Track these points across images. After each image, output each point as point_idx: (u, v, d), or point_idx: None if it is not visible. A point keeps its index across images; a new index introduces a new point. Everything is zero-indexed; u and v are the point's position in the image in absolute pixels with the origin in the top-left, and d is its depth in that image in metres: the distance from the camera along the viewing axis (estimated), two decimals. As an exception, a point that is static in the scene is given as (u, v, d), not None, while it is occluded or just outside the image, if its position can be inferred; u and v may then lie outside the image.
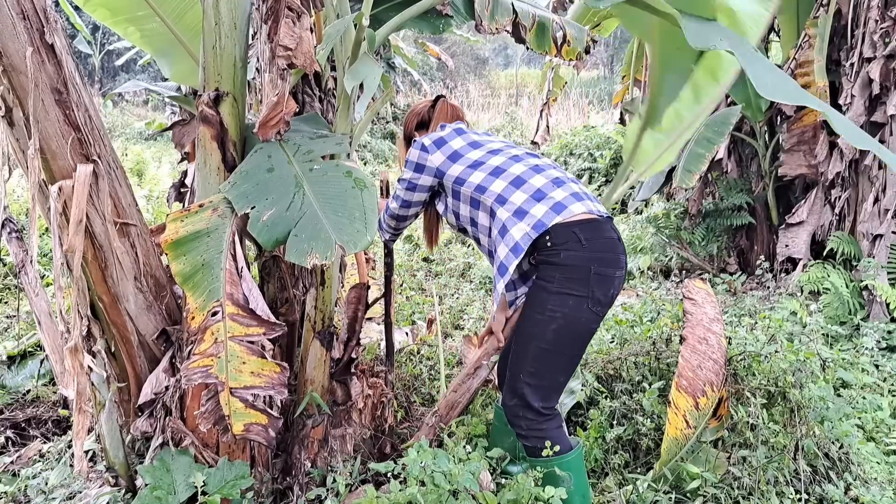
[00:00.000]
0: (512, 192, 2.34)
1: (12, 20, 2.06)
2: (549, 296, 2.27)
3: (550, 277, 2.27)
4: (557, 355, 2.32)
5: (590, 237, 2.26)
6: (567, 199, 2.30)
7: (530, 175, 2.38)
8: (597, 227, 2.29)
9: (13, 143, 2.29)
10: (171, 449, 2.44)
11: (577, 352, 2.35)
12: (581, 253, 2.24)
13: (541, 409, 2.34)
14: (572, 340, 2.31)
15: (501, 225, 2.33)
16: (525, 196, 2.32)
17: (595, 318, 2.30)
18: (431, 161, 2.52)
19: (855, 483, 2.84)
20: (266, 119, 2.37)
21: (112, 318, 2.48)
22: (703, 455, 2.77)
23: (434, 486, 2.15)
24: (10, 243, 3.16)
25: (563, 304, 2.25)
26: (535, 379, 2.34)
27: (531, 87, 23.75)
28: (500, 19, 2.84)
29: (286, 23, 2.28)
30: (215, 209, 2.24)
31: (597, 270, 2.24)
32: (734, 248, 6.94)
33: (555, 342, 2.29)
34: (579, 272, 2.24)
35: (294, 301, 2.86)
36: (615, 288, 2.31)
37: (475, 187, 2.42)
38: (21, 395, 3.78)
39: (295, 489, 2.66)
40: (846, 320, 5.12)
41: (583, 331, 2.31)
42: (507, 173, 2.40)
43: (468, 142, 2.55)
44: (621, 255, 2.34)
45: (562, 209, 2.27)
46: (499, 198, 2.35)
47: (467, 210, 2.50)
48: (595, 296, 2.25)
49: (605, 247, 2.28)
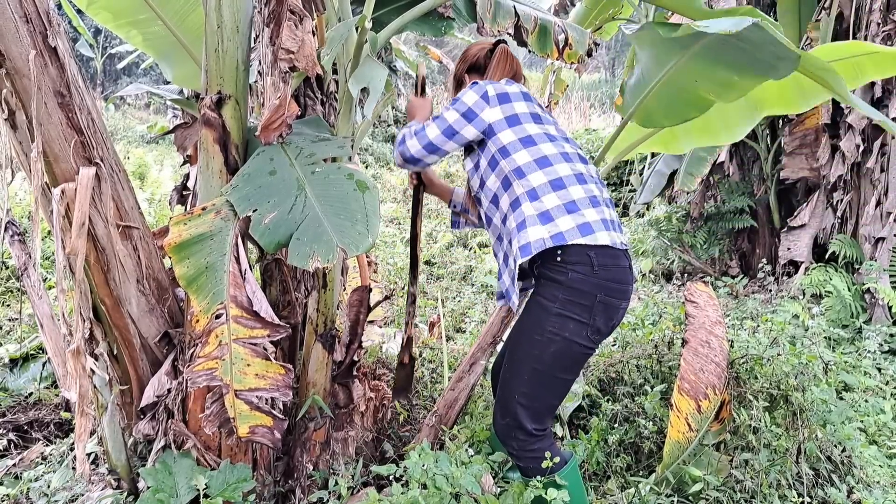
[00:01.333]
0: (547, 191, 2.20)
1: (15, 23, 2.07)
2: (548, 317, 2.17)
3: (553, 297, 2.17)
4: (553, 378, 2.24)
5: (603, 263, 2.15)
6: (596, 224, 2.17)
7: (571, 182, 2.22)
8: (613, 255, 2.18)
9: (16, 147, 2.29)
10: (173, 451, 2.45)
11: (572, 376, 2.28)
12: (590, 278, 2.13)
13: (533, 430, 2.27)
14: (570, 364, 2.23)
15: (522, 219, 2.20)
16: (558, 202, 2.18)
17: (592, 346, 2.22)
18: (486, 115, 2.32)
19: (857, 486, 2.83)
20: (268, 122, 2.37)
21: (114, 321, 2.49)
22: (706, 458, 2.77)
23: (436, 489, 2.15)
24: (12, 246, 3.16)
25: (564, 327, 2.16)
26: (528, 400, 2.26)
27: (532, 90, 23.72)
28: (502, 22, 2.84)
29: (288, 26, 2.28)
30: (218, 212, 2.24)
31: (602, 299, 2.15)
32: (736, 251, 6.93)
33: (551, 365, 2.21)
34: (584, 297, 2.14)
35: (296, 304, 2.86)
36: (618, 319, 2.25)
37: (515, 168, 2.25)
38: (23, 397, 3.79)
39: (297, 492, 2.66)
40: (848, 323, 5.11)
41: (579, 356, 2.23)
42: (550, 169, 2.23)
43: (531, 111, 2.36)
44: (630, 286, 2.25)
45: (588, 232, 2.14)
46: (532, 191, 2.21)
47: (496, 185, 2.33)
48: (596, 324, 2.17)
49: (617, 276, 2.18)
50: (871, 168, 5.43)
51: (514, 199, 2.25)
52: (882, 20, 5.38)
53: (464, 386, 3.03)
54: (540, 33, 2.98)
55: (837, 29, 5.76)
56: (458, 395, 3.02)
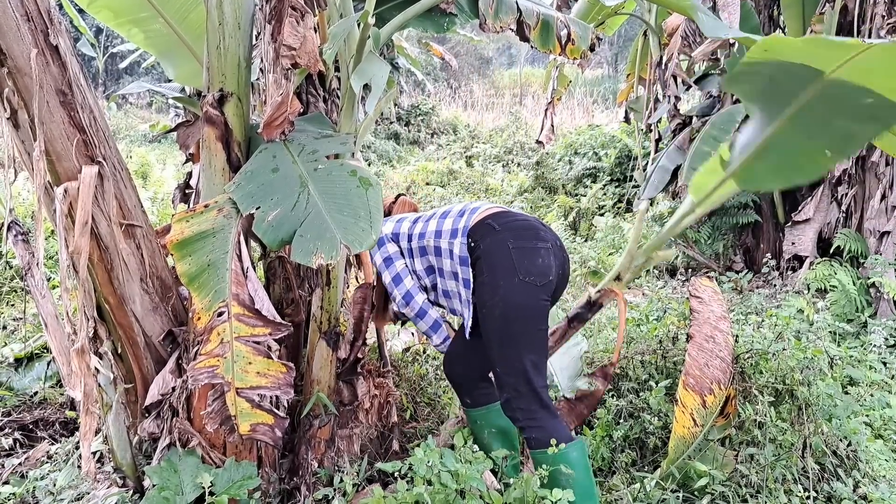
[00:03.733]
0: (442, 223, 2.61)
1: (16, 22, 2.07)
2: (483, 288, 2.41)
3: (481, 272, 2.42)
4: (514, 338, 2.37)
5: (502, 222, 2.45)
6: (481, 205, 2.58)
7: (453, 206, 2.67)
8: (509, 214, 2.50)
9: (18, 146, 2.29)
10: (179, 450, 2.45)
11: (532, 327, 2.39)
12: (494, 237, 2.41)
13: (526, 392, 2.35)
14: (522, 318, 2.36)
15: (448, 250, 2.56)
16: (452, 219, 2.59)
17: (535, 290, 2.35)
18: (386, 229, 2.76)
19: (863, 481, 2.82)
20: (270, 119, 2.36)
21: (118, 320, 2.49)
22: (711, 453, 2.76)
23: (441, 486, 2.15)
24: (16, 246, 3.16)
25: (496, 287, 2.36)
26: (506, 367, 2.39)
27: (535, 86, 23.72)
28: (504, 18, 2.83)
29: (290, 22, 2.27)
30: (220, 210, 2.23)
31: (514, 245, 2.38)
32: (740, 246, 6.91)
33: (506, 327, 2.36)
34: (500, 254, 2.37)
35: (300, 302, 2.86)
36: (543, 257, 2.39)
37: (418, 235, 2.68)
38: (28, 397, 3.79)
39: (302, 489, 2.66)
40: (853, 318, 5.10)
41: (527, 308, 2.36)
42: (435, 214, 2.69)
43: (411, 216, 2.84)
44: (542, 230, 2.46)
45: (476, 210, 2.54)
46: (436, 233, 2.61)
47: (421, 262, 2.72)
48: (523, 267, 2.34)
49: (519, 226, 2.44)
50: (876, 162, 5.41)
51: (434, 249, 2.63)
52: (887, 12, 5.36)
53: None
54: (542, 29, 2.97)
55: (841, 21, 5.73)
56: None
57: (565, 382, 3.52)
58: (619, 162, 10.25)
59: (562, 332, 2.82)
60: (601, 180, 10.04)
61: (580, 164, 10.57)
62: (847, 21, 5.75)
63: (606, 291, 2.76)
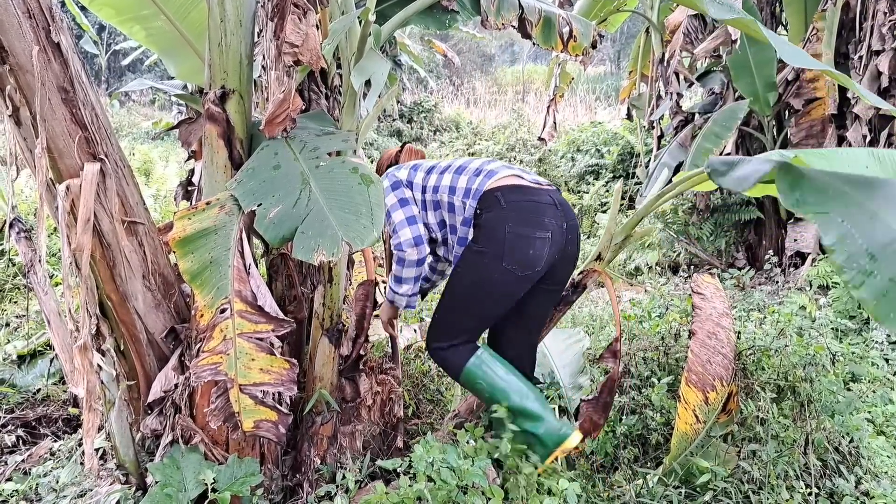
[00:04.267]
0: (458, 179, 2.56)
1: (18, 19, 2.07)
2: (468, 254, 2.49)
3: (474, 239, 2.49)
4: (467, 309, 2.52)
5: (510, 199, 2.43)
6: (499, 169, 2.53)
7: (469, 162, 2.63)
8: (520, 190, 2.45)
9: (21, 143, 2.29)
10: (181, 446, 2.45)
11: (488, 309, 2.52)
12: (498, 213, 2.41)
13: (446, 346, 2.54)
14: (484, 296, 2.48)
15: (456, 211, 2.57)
16: (467, 177, 2.55)
17: (513, 278, 2.42)
18: (400, 175, 2.72)
19: (865, 477, 2.82)
20: (272, 116, 2.36)
21: (121, 317, 2.49)
22: (713, 450, 2.76)
23: (442, 482, 2.15)
24: (18, 243, 3.17)
25: (478, 261, 2.44)
26: (441, 316, 2.57)
27: (538, 83, 23.69)
28: (507, 15, 2.83)
29: (292, 20, 2.27)
30: (222, 207, 2.24)
31: (512, 229, 2.38)
32: (742, 243, 6.90)
33: (466, 297, 2.51)
34: (496, 232, 2.40)
35: (302, 299, 2.86)
36: (536, 248, 2.40)
37: (433, 189, 2.63)
38: (31, 394, 3.80)
39: (304, 486, 2.66)
40: (855, 314, 5.08)
41: (496, 289, 2.45)
42: (451, 167, 2.64)
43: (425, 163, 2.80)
44: (548, 217, 2.44)
45: (492, 175, 2.49)
46: (450, 189, 2.57)
47: (434, 215, 2.67)
48: (511, 255, 2.38)
49: (525, 208, 2.42)
50: (879, 158, 5.40)
51: (447, 205, 2.60)
52: (889, 9, 5.35)
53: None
54: (544, 26, 2.96)
55: (843, 19, 5.72)
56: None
57: (568, 379, 3.52)
58: (621, 159, 10.24)
59: (548, 316, 2.83)
60: (604, 177, 10.04)
61: (583, 161, 10.57)
62: (849, 18, 5.74)
63: (588, 272, 2.77)
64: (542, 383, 3.57)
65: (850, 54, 5.79)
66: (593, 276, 2.78)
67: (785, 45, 2.12)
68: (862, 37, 5.60)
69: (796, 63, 2.09)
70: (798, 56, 2.12)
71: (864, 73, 5.48)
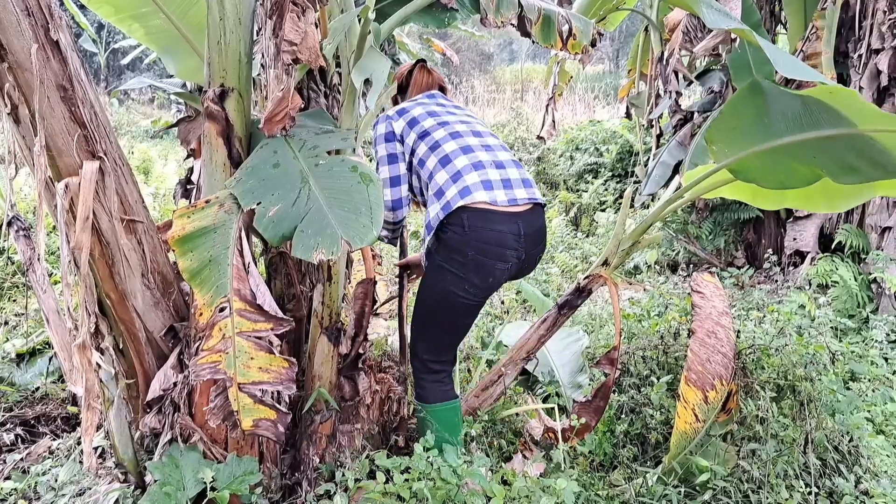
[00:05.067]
0: (438, 170, 2.52)
1: (17, 16, 2.06)
2: (433, 267, 2.55)
3: (437, 252, 2.52)
4: (434, 319, 2.61)
5: (475, 225, 2.40)
6: (475, 186, 2.43)
7: (457, 155, 2.52)
8: (488, 218, 2.41)
9: (19, 141, 2.29)
10: (180, 445, 2.45)
11: (455, 319, 2.61)
12: (461, 237, 2.42)
13: (425, 360, 2.65)
14: (449, 310, 2.55)
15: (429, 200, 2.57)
16: (446, 177, 2.49)
17: (473, 297, 2.51)
18: (395, 127, 2.67)
19: (865, 476, 2.83)
20: (271, 115, 2.36)
21: (120, 315, 2.49)
22: (713, 449, 2.76)
23: (442, 481, 2.15)
24: (17, 241, 3.16)
25: (443, 277, 2.50)
26: (417, 334, 2.66)
27: (536, 82, 23.68)
28: (506, 13, 2.82)
29: (291, 17, 2.27)
30: (221, 205, 2.23)
31: (473, 257, 2.42)
32: (742, 241, 6.90)
33: (433, 309, 2.59)
34: (458, 254, 2.44)
35: (301, 297, 2.86)
36: (496, 276, 2.48)
37: (419, 160, 2.61)
38: (30, 392, 3.80)
39: (303, 485, 2.66)
40: (855, 313, 5.09)
41: (459, 304, 2.52)
42: (440, 149, 2.55)
43: (427, 110, 2.70)
44: (510, 249, 2.45)
45: (466, 194, 2.41)
46: (430, 175, 2.55)
47: (416, 181, 2.69)
48: (471, 279, 2.45)
49: (489, 238, 2.41)
50: (878, 157, 5.40)
51: (424, 185, 2.61)
52: (888, 8, 5.35)
53: (488, 395, 3.03)
54: (544, 24, 2.96)
55: (843, 17, 5.72)
56: (482, 403, 3.02)
57: (567, 378, 3.52)
58: (620, 158, 10.24)
59: (552, 319, 2.83)
60: (602, 176, 10.04)
61: (581, 160, 10.56)
62: (848, 16, 5.74)
63: (595, 277, 2.77)
64: (542, 382, 3.57)
65: (849, 53, 5.79)
66: (599, 281, 2.77)
67: (781, 56, 2.11)
68: (861, 35, 5.60)
69: (793, 75, 2.07)
70: (795, 67, 2.10)
71: (863, 71, 5.49)
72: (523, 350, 2.96)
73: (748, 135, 2.47)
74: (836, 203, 2.93)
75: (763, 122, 2.40)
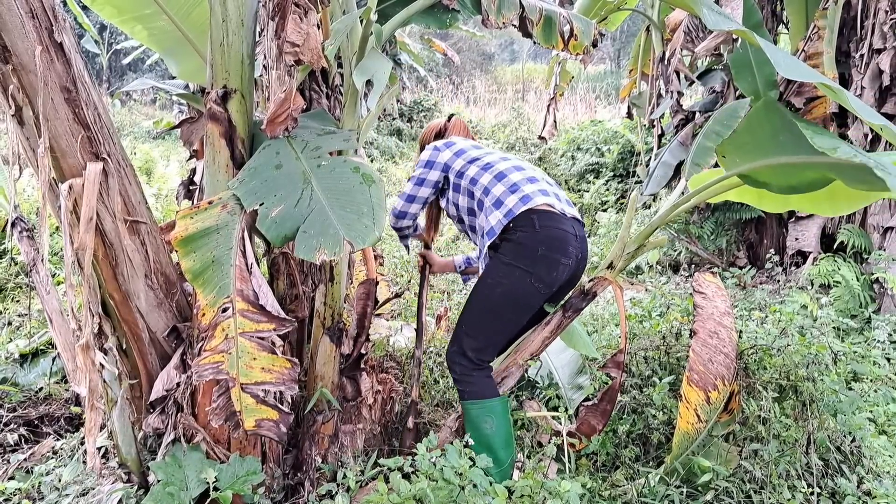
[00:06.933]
0: (495, 184, 2.73)
1: (21, 19, 2.07)
2: (500, 265, 2.65)
3: (505, 252, 2.65)
4: (497, 315, 2.68)
5: (545, 224, 2.62)
6: (534, 193, 2.68)
7: (511, 171, 2.78)
8: (553, 218, 2.65)
9: (23, 142, 2.29)
10: (183, 445, 2.45)
11: (514, 317, 2.71)
12: (533, 234, 2.60)
13: (474, 358, 2.68)
14: (512, 306, 2.66)
15: (484, 211, 2.75)
16: (503, 188, 2.70)
17: (536, 293, 2.64)
18: (441, 157, 2.92)
19: (867, 477, 2.82)
20: (274, 116, 2.37)
21: (123, 316, 2.49)
22: (715, 449, 2.76)
23: (444, 482, 2.15)
24: (21, 242, 3.17)
25: (510, 273, 2.62)
26: (474, 331, 2.70)
27: (537, 82, 23.69)
28: (507, 13, 2.83)
29: (293, 19, 2.27)
30: (224, 206, 2.24)
31: (543, 252, 2.59)
32: (743, 241, 6.90)
33: (496, 304, 2.66)
34: (528, 251, 2.59)
35: (303, 297, 2.86)
36: (559, 272, 2.64)
37: (470, 179, 2.82)
38: (34, 392, 3.81)
39: (306, 485, 2.67)
40: (857, 313, 5.09)
41: (521, 301, 2.65)
42: (493, 168, 2.80)
43: (472, 145, 2.99)
44: (572, 247, 2.66)
45: (528, 200, 2.64)
46: (485, 189, 2.75)
47: (465, 200, 2.88)
48: (539, 273, 2.60)
49: (556, 235, 2.62)
50: (880, 157, 5.39)
51: (477, 201, 2.80)
52: (890, 8, 5.34)
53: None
54: (545, 24, 2.96)
55: (845, 17, 5.72)
56: None
57: (566, 379, 3.52)
58: (621, 157, 10.25)
59: (557, 321, 2.83)
60: (604, 176, 10.04)
61: (583, 160, 10.57)
62: (850, 16, 5.74)
63: (599, 280, 2.77)
64: (541, 386, 3.58)
65: (851, 52, 5.79)
66: (604, 283, 2.77)
67: (782, 57, 2.11)
68: (863, 35, 5.60)
69: (793, 76, 2.07)
70: (795, 68, 2.10)
71: (865, 71, 5.48)
72: (527, 352, 2.96)
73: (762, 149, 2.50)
74: (840, 206, 2.94)
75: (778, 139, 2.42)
